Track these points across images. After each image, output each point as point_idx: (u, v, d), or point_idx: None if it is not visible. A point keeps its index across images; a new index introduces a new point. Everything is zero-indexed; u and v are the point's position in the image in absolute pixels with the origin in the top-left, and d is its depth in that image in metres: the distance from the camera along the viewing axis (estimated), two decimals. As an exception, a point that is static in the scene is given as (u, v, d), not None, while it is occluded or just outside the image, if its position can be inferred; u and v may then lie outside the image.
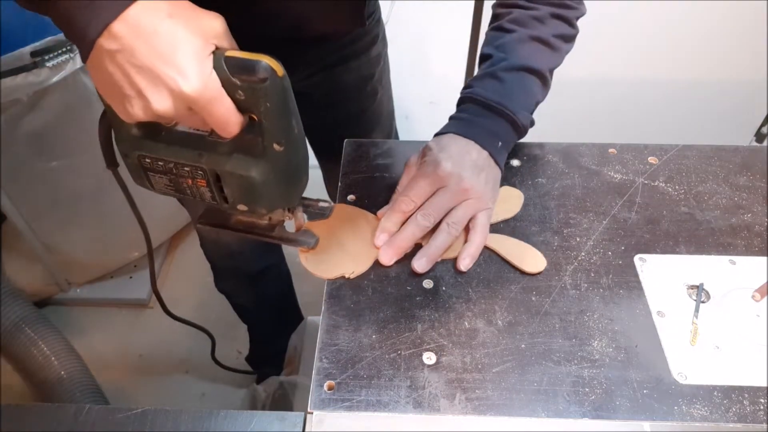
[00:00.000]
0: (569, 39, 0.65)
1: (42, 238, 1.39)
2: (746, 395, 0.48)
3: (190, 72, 0.39)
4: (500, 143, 0.62)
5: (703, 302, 0.54)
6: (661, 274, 0.57)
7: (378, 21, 0.82)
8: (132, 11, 0.38)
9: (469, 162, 0.59)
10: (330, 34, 0.75)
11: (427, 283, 0.56)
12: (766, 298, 0.54)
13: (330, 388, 0.48)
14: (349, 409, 0.47)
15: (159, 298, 0.70)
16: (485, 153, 0.61)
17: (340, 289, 0.56)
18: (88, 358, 1.31)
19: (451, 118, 0.64)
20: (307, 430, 0.46)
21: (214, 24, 0.41)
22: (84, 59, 0.41)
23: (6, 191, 1.27)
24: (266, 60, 0.41)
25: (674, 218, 0.62)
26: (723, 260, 0.58)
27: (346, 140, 0.72)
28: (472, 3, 1.38)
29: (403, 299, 0.55)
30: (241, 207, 0.51)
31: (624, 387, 0.48)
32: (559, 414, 0.47)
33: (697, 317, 0.53)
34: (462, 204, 0.58)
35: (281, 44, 0.70)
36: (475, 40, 1.44)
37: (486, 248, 0.59)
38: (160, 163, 0.49)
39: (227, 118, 0.42)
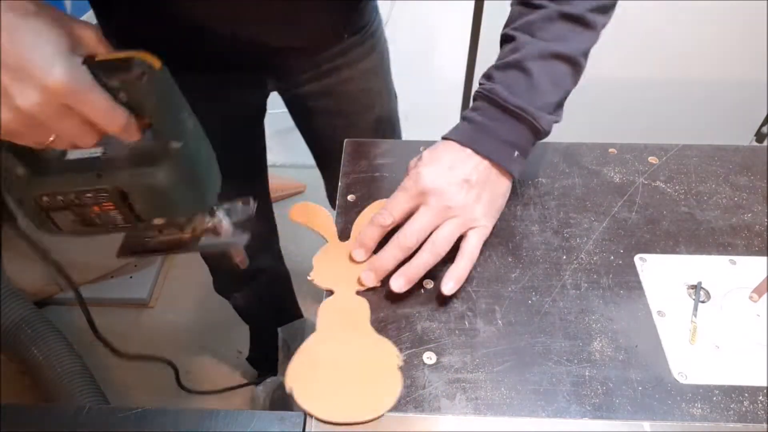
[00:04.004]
0: (608, 10, 0.56)
1: (42, 238, 1.39)
2: (746, 395, 0.48)
3: (57, 63, 0.36)
4: (516, 153, 0.55)
5: (703, 302, 0.54)
6: (662, 274, 0.57)
7: (373, 33, 0.81)
8: None
9: (457, 176, 0.54)
10: (307, 46, 0.74)
11: (428, 283, 0.56)
12: (765, 297, 0.54)
13: (330, 388, 0.48)
14: (349, 409, 0.47)
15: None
16: (485, 163, 0.55)
17: (340, 289, 0.56)
18: (88, 358, 1.31)
19: (463, 117, 0.57)
20: (307, 430, 0.46)
21: (84, 31, 0.39)
22: None
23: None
24: (139, 55, 0.38)
25: (674, 218, 0.62)
26: (723, 260, 0.58)
27: (346, 140, 0.72)
28: (472, 3, 1.38)
29: (404, 299, 0.55)
30: (158, 221, 0.47)
31: (624, 387, 0.48)
32: (559, 414, 0.47)
33: (695, 316, 0.53)
34: (446, 222, 0.54)
35: (262, 53, 0.70)
36: (475, 39, 1.45)
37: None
38: (59, 197, 0.45)
39: (109, 108, 0.38)
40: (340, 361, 0.50)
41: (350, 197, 0.65)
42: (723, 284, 0.56)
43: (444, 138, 0.58)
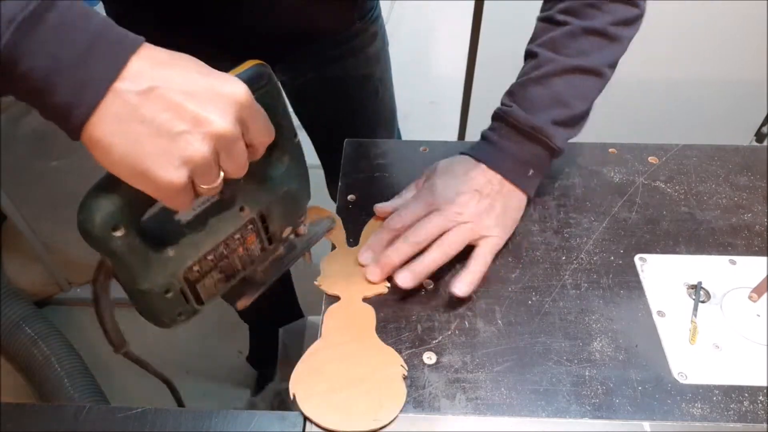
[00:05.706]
0: (632, 22, 0.58)
1: (42, 238, 1.39)
2: (746, 395, 0.48)
3: (229, 77, 0.35)
4: (531, 171, 0.58)
5: (703, 302, 0.54)
6: (662, 274, 0.57)
7: (376, 19, 0.82)
8: (142, 50, 0.34)
9: (469, 186, 0.56)
10: (318, 32, 0.74)
11: (428, 283, 0.56)
12: (765, 297, 0.54)
13: (330, 388, 0.48)
14: (349, 409, 0.47)
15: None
16: (498, 178, 0.57)
17: (340, 289, 0.56)
18: (88, 358, 1.31)
19: (482, 136, 0.60)
20: (307, 430, 0.46)
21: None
22: (84, 119, 0.32)
23: (6, 191, 1.27)
24: (256, 62, 0.39)
25: (674, 218, 0.62)
26: (723, 260, 0.58)
27: (346, 140, 0.72)
28: (472, 2, 1.38)
29: (404, 299, 0.55)
30: (286, 232, 0.49)
31: (624, 387, 0.48)
32: (559, 414, 0.47)
33: (695, 316, 0.53)
34: (455, 228, 0.55)
35: (272, 41, 0.70)
36: (475, 39, 1.44)
37: None
38: (209, 258, 0.43)
39: (267, 119, 0.38)
40: (343, 369, 0.49)
41: (350, 197, 0.65)
42: (723, 284, 0.56)
43: (461, 153, 0.59)
